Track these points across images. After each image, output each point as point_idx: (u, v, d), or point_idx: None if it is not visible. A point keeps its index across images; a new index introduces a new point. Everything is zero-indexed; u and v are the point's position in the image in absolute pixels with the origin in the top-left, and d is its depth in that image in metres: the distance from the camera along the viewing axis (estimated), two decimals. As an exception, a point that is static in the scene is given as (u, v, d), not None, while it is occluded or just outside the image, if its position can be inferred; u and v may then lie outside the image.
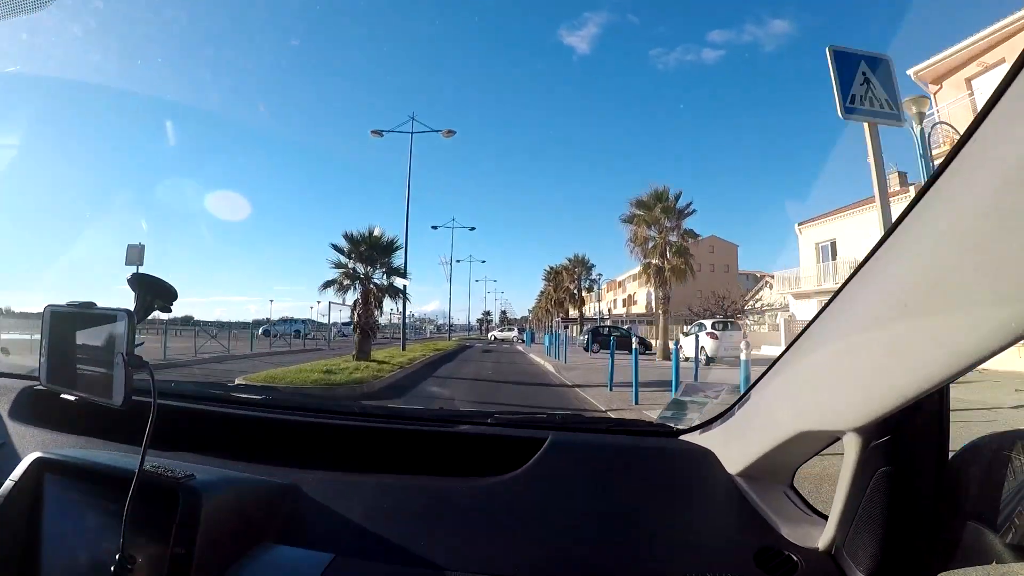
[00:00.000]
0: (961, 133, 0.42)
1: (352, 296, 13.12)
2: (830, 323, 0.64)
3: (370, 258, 13.16)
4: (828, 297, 0.65)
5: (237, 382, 6.26)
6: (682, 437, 1.00)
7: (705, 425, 0.98)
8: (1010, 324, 0.38)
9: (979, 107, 0.41)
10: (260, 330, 28.68)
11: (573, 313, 52.66)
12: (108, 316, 0.68)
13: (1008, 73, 0.38)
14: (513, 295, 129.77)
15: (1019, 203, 0.37)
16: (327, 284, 13.15)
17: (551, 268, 46.99)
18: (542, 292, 55.88)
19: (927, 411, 0.62)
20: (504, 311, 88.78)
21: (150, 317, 0.75)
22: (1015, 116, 0.38)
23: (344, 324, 35.71)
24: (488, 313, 71.44)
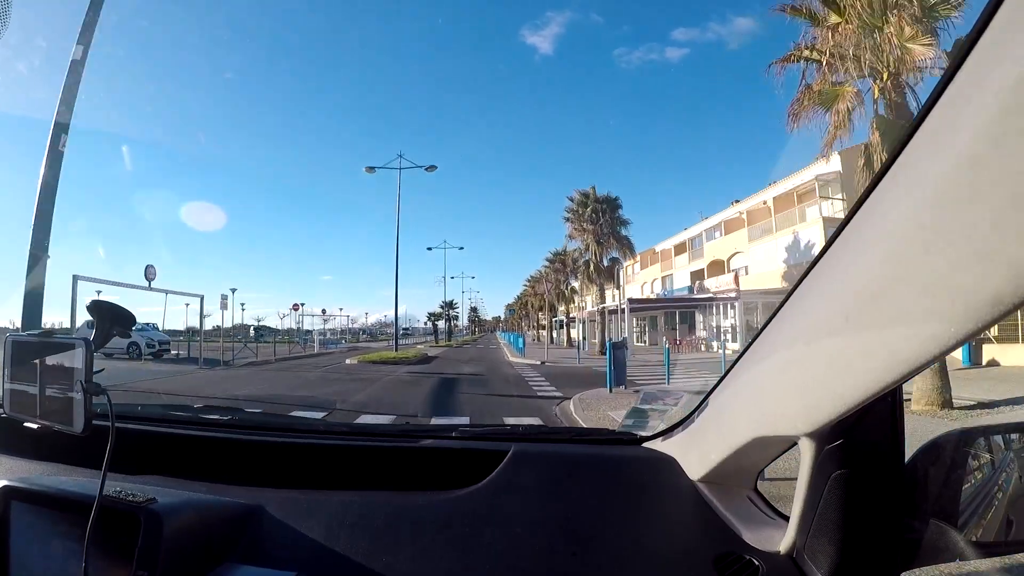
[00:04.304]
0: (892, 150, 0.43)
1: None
2: (779, 332, 0.66)
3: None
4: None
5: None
6: (645, 445, 1.01)
7: (667, 432, 0.98)
8: (943, 336, 0.39)
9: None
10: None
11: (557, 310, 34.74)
12: (67, 344, 0.69)
13: (937, 87, 0.39)
14: (483, 296, 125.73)
15: (945, 221, 0.38)
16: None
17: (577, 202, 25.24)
18: (550, 261, 34.84)
19: (879, 414, 0.63)
20: (475, 307, 73.10)
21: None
22: (940, 135, 0.38)
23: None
24: (451, 304, 47.79)
